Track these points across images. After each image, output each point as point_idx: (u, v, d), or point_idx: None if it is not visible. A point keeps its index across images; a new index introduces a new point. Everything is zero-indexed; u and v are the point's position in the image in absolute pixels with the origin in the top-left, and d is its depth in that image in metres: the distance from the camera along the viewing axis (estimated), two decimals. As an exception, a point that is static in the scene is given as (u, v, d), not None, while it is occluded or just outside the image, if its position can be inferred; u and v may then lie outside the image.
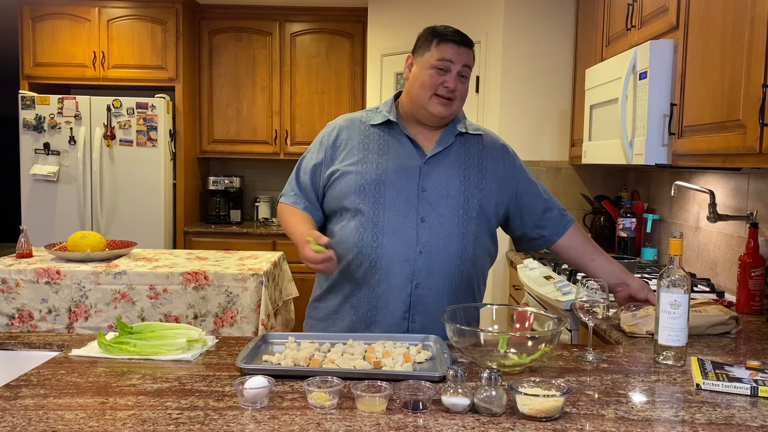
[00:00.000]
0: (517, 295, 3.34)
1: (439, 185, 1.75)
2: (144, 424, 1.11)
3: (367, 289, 1.74)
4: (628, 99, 2.42)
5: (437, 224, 1.72)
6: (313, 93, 4.96)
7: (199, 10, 4.91)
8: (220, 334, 2.85)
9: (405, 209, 1.72)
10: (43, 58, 4.64)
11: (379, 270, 1.71)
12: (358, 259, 1.73)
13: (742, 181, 2.36)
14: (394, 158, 1.76)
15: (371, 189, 1.73)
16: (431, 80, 1.72)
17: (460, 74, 1.74)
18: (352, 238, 1.73)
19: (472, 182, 1.78)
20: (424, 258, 1.71)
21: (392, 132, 1.80)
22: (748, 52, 1.71)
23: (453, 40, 1.73)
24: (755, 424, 1.15)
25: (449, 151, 1.79)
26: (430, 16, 3.96)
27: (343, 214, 1.78)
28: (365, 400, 1.18)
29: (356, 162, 1.77)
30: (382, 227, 1.71)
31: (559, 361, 1.49)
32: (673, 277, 1.45)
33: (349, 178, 1.76)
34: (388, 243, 1.71)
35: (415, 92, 1.76)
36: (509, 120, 3.65)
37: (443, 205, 1.74)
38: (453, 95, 1.73)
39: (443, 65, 1.72)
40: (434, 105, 1.74)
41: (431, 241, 1.71)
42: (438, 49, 1.72)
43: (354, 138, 1.81)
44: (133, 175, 4.52)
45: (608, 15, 2.95)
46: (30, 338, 1.66)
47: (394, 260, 1.70)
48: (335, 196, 1.78)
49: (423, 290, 1.72)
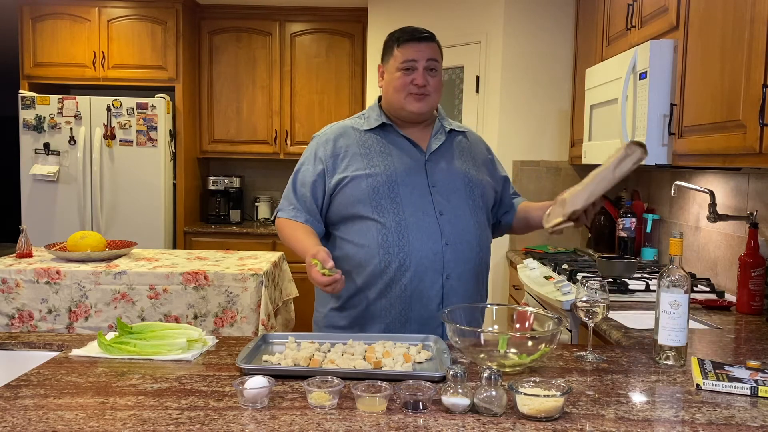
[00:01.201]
0: (517, 295, 3.34)
1: (446, 179, 1.81)
2: (144, 424, 1.11)
3: (398, 288, 1.74)
4: (628, 99, 2.42)
5: (454, 216, 1.78)
6: (313, 93, 4.96)
7: (199, 10, 4.91)
8: (220, 334, 2.85)
9: (422, 205, 1.77)
10: (43, 58, 4.64)
11: (410, 267, 1.73)
12: (385, 261, 1.74)
13: (742, 181, 2.36)
14: (398, 158, 1.81)
15: (385, 191, 1.76)
16: (401, 82, 1.79)
17: (428, 69, 1.79)
18: (375, 241, 1.74)
19: (471, 174, 1.86)
20: (451, 249, 1.76)
21: (388, 134, 1.85)
22: (748, 52, 1.71)
23: (411, 39, 1.80)
24: (755, 424, 1.15)
25: (446, 147, 1.87)
26: (430, 16, 3.97)
27: (356, 221, 1.77)
28: (365, 400, 1.18)
29: (363, 167, 1.78)
30: (405, 225, 1.74)
31: (559, 361, 1.49)
32: (673, 277, 1.45)
33: (359, 183, 1.77)
34: (415, 239, 1.74)
35: (390, 97, 1.83)
36: (509, 120, 3.65)
37: (454, 198, 1.80)
38: (425, 90, 1.79)
39: (408, 65, 1.79)
40: (410, 102, 1.80)
41: (454, 232, 1.77)
42: (400, 52, 1.80)
43: (353, 145, 1.83)
44: (133, 175, 4.51)
45: (608, 15, 2.95)
46: (30, 338, 1.66)
47: (424, 255, 1.74)
48: (345, 203, 1.78)
49: (453, 281, 1.76)
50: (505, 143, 3.64)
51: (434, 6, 3.99)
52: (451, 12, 3.89)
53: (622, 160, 1.63)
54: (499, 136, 3.64)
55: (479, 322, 1.72)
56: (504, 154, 3.57)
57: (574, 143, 3.52)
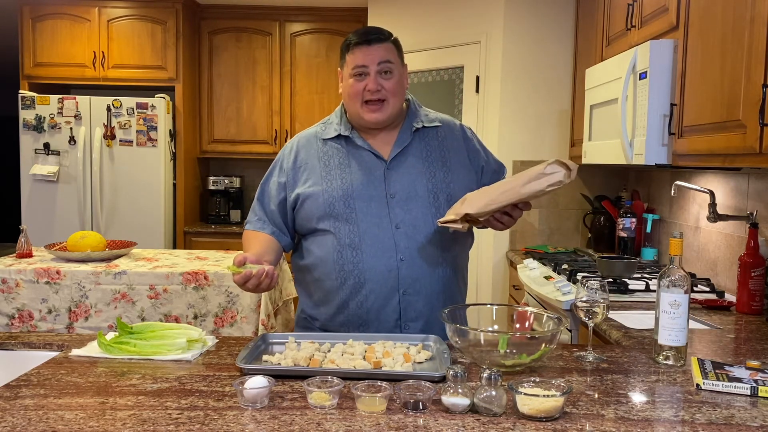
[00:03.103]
0: (517, 295, 3.34)
1: (406, 188, 1.73)
2: (144, 424, 1.11)
3: (355, 304, 1.71)
4: (628, 99, 2.42)
5: (412, 229, 1.70)
6: (313, 93, 4.96)
7: (199, 10, 4.91)
8: (220, 334, 2.85)
9: (378, 219, 1.70)
10: (43, 58, 4.64)
11: (365, 284, 1.69)
12: (341, 277, 1.71)
13: (742, 181, 2.36)
14: (357, 170, 1.74)
15: (340, 205, 1.71)
16: (354, 89, 1.71)
17: (381, 72, 1.70)
18: (331, 257, 1.71)
19: (438, 178, 1.75)
20: (407, 265, 1.69)
21: (348, 144, 1.78)
22: (748, 52, 1.71)
23: (359, 43, 1.71)
24: (755, 424, 1.15)
25: (409, 151, 1.77)
26: (430, 17, 3.97)
27: (316, 234, 1.75)
28: (365, 400, 1.18)
29: (319, 181, 1.74)
30: (359, 242, 1.69)
31: (559, 361, 1.49)
32: (673, 277, 1.45)
33: (315, 198, 1.73)
34: (368, 256, 1.69)
35: (348, 104, 1.77)
36: (509, 120, 3.65)
37: (414, 208, 1.71)
38: (380, 95, 1.70)
39: (359, 71, 1.70)
40: (366, 113, 1.72)
41: (410, 246, 1.70)
42: (350, 57, 1.72)
43: (312, 158, 1.78)
44: (133, 175, 4.51)
45: (608, 15, 2.95)
46: (30, 338, 1.66)
47: (377, 272, 1.68)
48: (304, 218, 1.76)
49: (411, 296, 1.71)
50: (505, 143, 3.64)
51: (434, 6, 3.99)
52: (451, 12, 3.89)
53: (538, 179, 1.52)
54: (499, 136, 3.64)
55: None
56: (504, 154, 3.57)
57: (574, 143, 3.52)
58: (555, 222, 3.72)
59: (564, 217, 3.72)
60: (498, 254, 3.70)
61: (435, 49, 3.95)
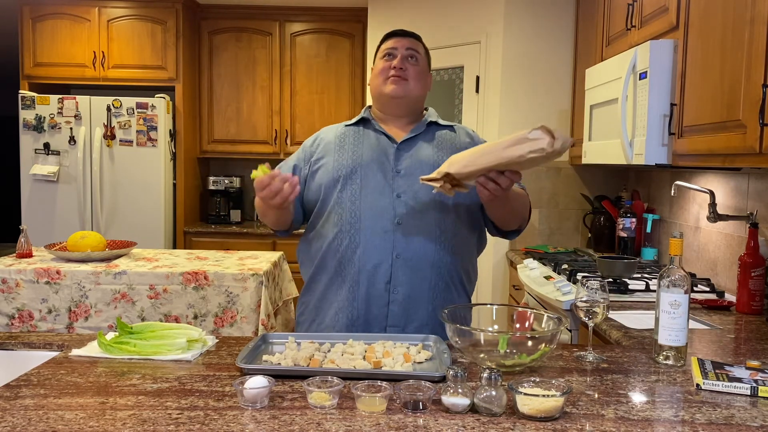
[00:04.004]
0: (517, 295, 3.34)
1: (413, 165, 1.81)
2: (144, 424, 1.11)
3: (350, 265, 1.78)
4: (628, 99, 2.42)
5: (412, 199, 1.78)
6: (313, 93, 4.96)
7: (199, 10, 4.91)
8: (220, 334, 2.85)
9: (381, 188, 1.79)
10: (43, 58, 4.64)
11: (360, 243, 1.76)
12: (339, 237, 1.79)
13: (742, 181, 2.36)
14: (368, 148, 1.85)
15: (347, 171, 1.81)
16: (381, 67, 1.88)
17: (407, 57, 1.86)
18: (332, 218, 1.80)
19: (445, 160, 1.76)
20: (402, 229, 1.76)
21: (365, 129, 1.90)
22: (748, 52, 1.71)
23: (394, 33, 1.91)
24: (755, 424, 1.15)
25: (421, 138, 1.88)
26: (430, 16, 3.97)
27: (320, 204, 1.83)
28: (365, 400, 1.18)
29: (332, 154, 1.86)
30: (359, 204, 1.77)
31: (559, 361, 1.49)
32: (673, 277, 1.45)
33: (326, 168, 1.84)
34: (366, 218, 1.77)
35: (374, 85, 1.90)
36: (509, 120, 3.65)
37: (418, 183, 1.75)
38: (403, 74, 1.84)
39: (388, 52, 1.88)
40: (387, 85, 1.85)
41: (408, 214, 1.77)
42: (383, 45, 1.92)
43: (330, 140, 1.90)
44: (133, 175, 4.52)
45: (608, 15, 2.95)
46: (30, 338, 1.66)
47: (374, 233, 1.76)
48: (315, 189, 1.85)
49: (402, 261, 1.76)
50: (505, 143, 3.63)
51: (434, 6, 3.99)
52: (451, 12, 3.89)
53: (520, 143, 1.46)
54: (500, 136, 3.64)
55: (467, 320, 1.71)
56: (504, 154, 3.57)
57: (574, 143, 3.51)
58: (555, 222, 3.72)
59: (564, 217, 3.72)
60: (498, 254, 3.70)
61: (435, 49, 3.93)
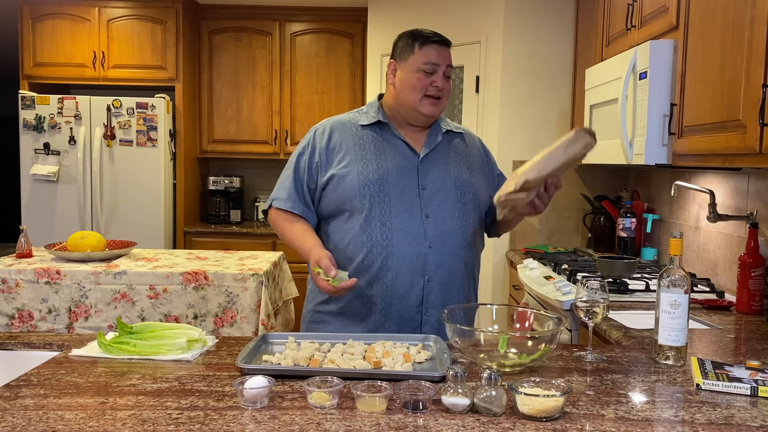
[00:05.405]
0: (517, 295, 3.34)
1: (437, 182, 1.81)
2: (144, 424, 1.11)
3: (380, 286, 1.76)
4: (628, 99, 2.42)
5: (440, 220, 1.78)
6: (313, 93, 4.96)
7: (199, 10, 4.91)
8: (220, 334, 2.85)
9: (409, 207, 1.77)
10: (43, 58, 4.64)
11: (392, 267, 1.74)
12: (369, 259, 1.75)
13: (742, 181, 2.36)
14: (392, 159, 1.81)
15: (375, 188, 1.76)
16: (420, 83, 1.78)
17: (445, 75, 1.81)
18: (360, 237, 1.75)
19: (464, 177, 1.85)
20: (434, 253, 1.76)
21: (384, 133, 1.85)
22: (748, 52, 1.71)
23: (435, 42, 1.80)
24: (755, 424, 1.15)
25: (440, 150, 1.87)
26: (430, 17, 3.97)
27: (344, 214, 1.79)
28: (365, 400, 1.18)
29: (355, 162, 1.79)
30: (390, 226, 1.75)
31: (559, 361, 1.49)
32: (673, 277, 1.45)
33: (350, 178, 1.77)
34: (399, 240, 1.74)
35: (405, 96, 1.80)
36: (509, 120, 3.65)
37: (444, 201, 1.80)
38: (442, 94, 1.81)
39: (431, 68, 1.78)
40: (425, 106, 1.80)
41: (438, 235, 1.76)
42: (422, 52, 1.79)
43: (347, 139, 1.83)
44: (133, 175, 4.51)
45: (608, 15, 2.95)
46: (30, 338, 1.66)
47: (406, 256, 1.74)
48: (335, 198, 1.80)
49: (435, 284, 1.76)
50: (505, 143, 3.64)
51: (434, 6, 3.99)
52: (451, 12, 3.89)
53: (573, 143, 1.62)
54: (499, 136, 3.64)
55: (472, 323, 1.72)
56: (504, 154, 3.57)
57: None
58: (555, 222, 3.72)
59: (564, 217, 3.72)
60: (498, 254, 3.70)
61: (435, 49, 3.95)
